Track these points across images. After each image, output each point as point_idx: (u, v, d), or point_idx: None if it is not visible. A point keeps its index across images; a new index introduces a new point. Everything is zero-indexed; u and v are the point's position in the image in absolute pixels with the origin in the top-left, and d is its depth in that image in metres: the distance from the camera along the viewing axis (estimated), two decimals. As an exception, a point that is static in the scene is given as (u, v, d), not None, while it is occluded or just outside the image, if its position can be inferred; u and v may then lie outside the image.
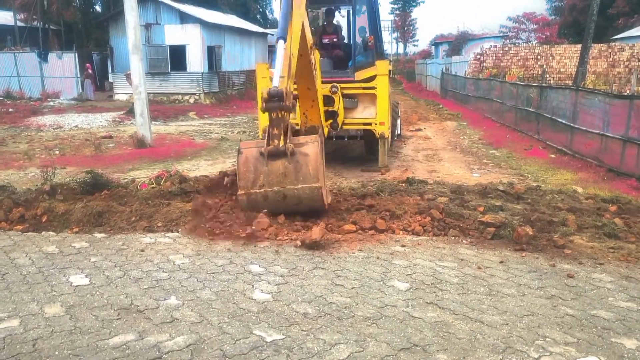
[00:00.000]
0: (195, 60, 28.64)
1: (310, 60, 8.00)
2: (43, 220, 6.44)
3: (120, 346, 3.62)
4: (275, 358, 3.47)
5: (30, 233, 6.20)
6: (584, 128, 11.53)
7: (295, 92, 6.41)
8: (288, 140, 5.83)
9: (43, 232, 6.19)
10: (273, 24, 49.79)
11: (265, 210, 6.02)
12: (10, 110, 23.46)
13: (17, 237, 6.05)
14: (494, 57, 29.92)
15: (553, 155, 12.18)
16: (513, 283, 4.71)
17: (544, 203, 7.01)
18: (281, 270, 4.99)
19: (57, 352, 3.55)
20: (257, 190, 5.78)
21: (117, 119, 20.68)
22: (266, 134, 5.94)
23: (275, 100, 5.71)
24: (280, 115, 5.78)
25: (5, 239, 5.98)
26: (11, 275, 4.90)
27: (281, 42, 6.31)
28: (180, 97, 28.86)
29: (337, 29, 11.98)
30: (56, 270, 5.01)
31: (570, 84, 18.95)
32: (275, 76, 6.01)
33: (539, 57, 29.60)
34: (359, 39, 11.02)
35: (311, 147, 5.81)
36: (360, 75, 10.39)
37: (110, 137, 15.90)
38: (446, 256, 5.37)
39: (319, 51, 11.45)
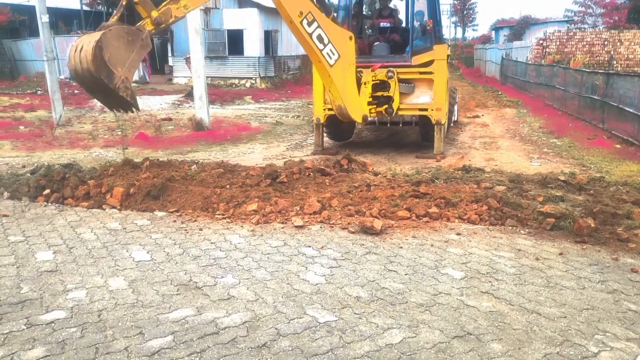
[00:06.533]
0: (253, 45, 28.89)
1: (301, 31, 7.97)
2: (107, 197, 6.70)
3: (180, 320, 3.76)
4: (328, 339, 3.52)
5: (95, 209, 6.49)
6: (654, 118, 10.97)
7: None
8: None
9: (107, 209, 6.47)
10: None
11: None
12: (76, 92, 24.43)
13: (83, 213, 6.34)
14: (558, 43, 28.73)
15: (618, 146, 11.66)
16: (572, 276, 4.58)
17: (607, 195, 6.74)
18: (334, 253, 5.03)
19: (120, 323, 3.72)
20: None
21: (176, 102, 21.21)
22: None
23: None
24: None
25: (72, 215, 6.28)
26: (78, 249, 5.15)
27: None
28: (237, 81, 29.26)
29: (393, 12, 11.81)
30: (119, 246, 5.24)
31: (639, 71, 18.02)
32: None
33: (606, 42, 28.22)
34: (417, 23, 10.82)
35: None
36: (418, 59, 10.21)
37: (170, 119, 16.33)
38: (503, 246, 5.27)
39: (376, 36, 11.36)
